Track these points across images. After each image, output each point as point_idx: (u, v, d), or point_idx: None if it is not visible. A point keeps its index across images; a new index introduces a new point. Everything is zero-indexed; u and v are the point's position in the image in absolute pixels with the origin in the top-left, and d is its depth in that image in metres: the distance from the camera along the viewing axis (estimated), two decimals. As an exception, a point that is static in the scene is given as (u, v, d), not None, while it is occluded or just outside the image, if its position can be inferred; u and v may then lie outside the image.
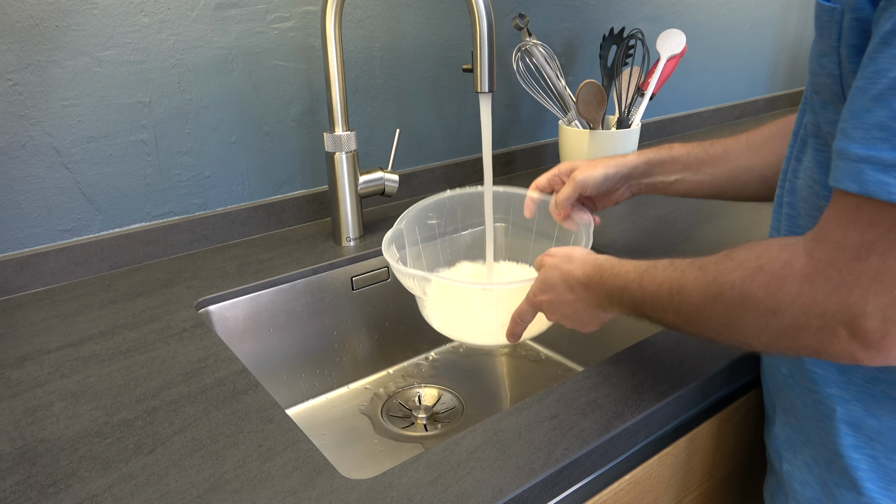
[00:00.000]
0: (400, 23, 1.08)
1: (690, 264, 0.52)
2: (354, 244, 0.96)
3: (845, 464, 0.55)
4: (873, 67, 0.40)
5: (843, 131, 0.42)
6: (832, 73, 0.47)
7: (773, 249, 0.46)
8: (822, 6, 0.47)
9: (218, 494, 0.50)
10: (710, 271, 0.49)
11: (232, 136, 0.96)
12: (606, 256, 0.62)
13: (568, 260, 0.64)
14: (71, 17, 0.80)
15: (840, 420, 0.55)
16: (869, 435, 0.53)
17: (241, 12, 0.92)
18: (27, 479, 0.52)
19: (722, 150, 0.76)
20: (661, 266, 0.54)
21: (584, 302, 0.62)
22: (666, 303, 0.53)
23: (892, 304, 0.40)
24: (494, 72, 0.76)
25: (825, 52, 0.48)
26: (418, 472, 0.52)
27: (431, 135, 1.18)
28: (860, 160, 0.40)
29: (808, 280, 0.43)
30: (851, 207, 0.41)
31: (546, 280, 0.65)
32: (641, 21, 1.44)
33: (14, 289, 0.82)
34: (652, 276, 0.55)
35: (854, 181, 0.40)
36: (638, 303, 0.56)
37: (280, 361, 0.89)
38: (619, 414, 0.58)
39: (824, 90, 0.49)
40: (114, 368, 0.66)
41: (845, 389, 0.54)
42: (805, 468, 0.59)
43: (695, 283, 0.50)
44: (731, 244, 0.49)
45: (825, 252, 0.42)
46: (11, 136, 0.80)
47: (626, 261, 0.59)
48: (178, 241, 0.93)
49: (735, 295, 0.47)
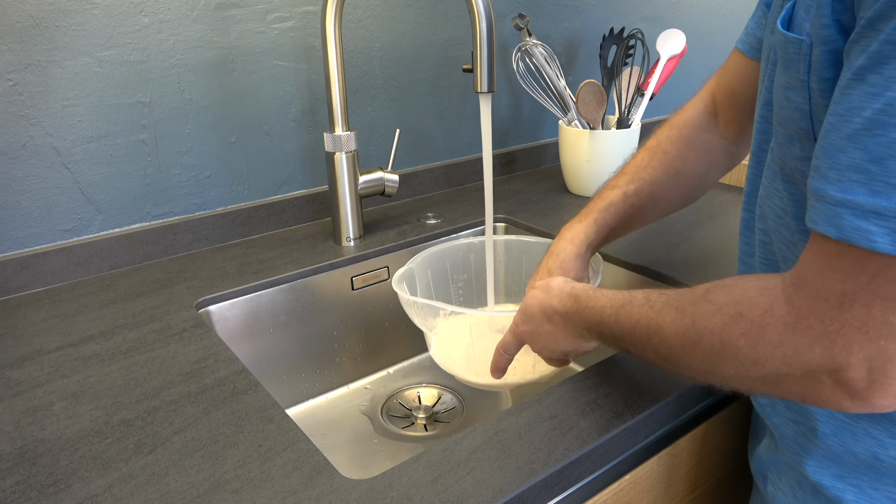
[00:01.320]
0: (400, 23, 1.08)
1: (667, 304, 0.50)
2: (354, 244, 0.96)
3: (831, 494, 0.54)
4: (846, 104, 0.38)
5: (816, 169, 0.40)
6: (800, 108, 0.45)
7: (751, 294, 0.44)
8: (788, 38, 0.45)
9: (218, 494, 0.50)
10: (687, 314, 0.47)
11: (232, 136, 0.96)
12: (583, 286, 0.61)
13: (547, 290, 0.63)
14: (71, 17, 0.80)
15: (820, 452, 0.54)
16: (852, 466, 0.52)
17: (241, 12, 0.92)
18: (27, 479, 0.52)
19: (647, 198, 0.75)
20: (636, 302, 0.53)
21: (564, 332, 0.61)
22: (644, 342, 0.51)
23: (877, 354, 0.38)
24: (494, 72, 0.76)
25: (792, 85, 0.46)
26: (418, 472, 0.52)
27: (431, 135, 1.18)
28: (837, 203, 0.38)
29: (789, 329, 0.41)
30: (831, 253, 0.39)
31: (526, 310, 0.64)
32: (641, 21, 1.44)
33: (14, 289, 0.82)
34: (628, 312, 0.53)
35: (832, 225, 0.39)
36: (617, 337, 0.55)
37: (280, 361, 0.89)
38: (619, 414, 0.58)
39: (790, 124, 0.47)
40: (114, 368, 0.66)
41: (825, 423, 0.53)
42: (790, 492, 0.58)
43: (672, 326, 0.48)
44: (731, 244, 0.49)
45: (806, 300, 0.41)
46: (11, 136, 0.80)
47: (601, 292, 0.58)
48: (178, 241, 0.93)
49: (714, 342, 0.45)
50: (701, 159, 0.75)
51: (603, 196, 0.75)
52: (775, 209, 0.53)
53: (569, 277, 0.71)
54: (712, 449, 0.72)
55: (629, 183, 0.75)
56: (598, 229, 0.74)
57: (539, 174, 1.31)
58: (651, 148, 0.76)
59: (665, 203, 0.77)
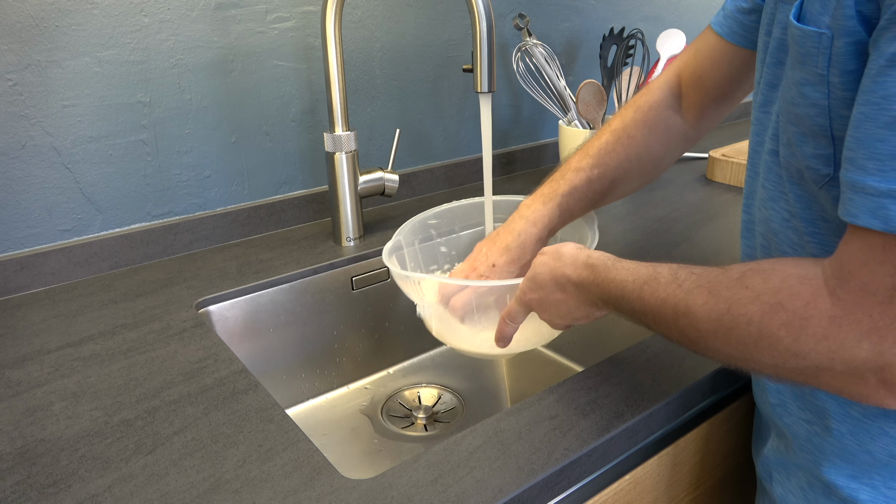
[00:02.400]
0: (400, 23, 1.08)
1: (698, 285, 0.47)
2: (354, 244, 0.96)
3: (845, 494, 0.53)
4: (881, 93, 0.37)
5: (851, 161, 0.39)
6: (818, 104, 0.45)
7: (791, 283, 0.42)
8: (805, 31, 0.44)
9: (218, 494, 0.50)
10: (722, 298, 0.45)
11: (232, 136, 0.96)
12: (599, 254, 0.59)
13: (557, 257, 0.61)
14: (71, 17, 0.80)
15: (835, 452, 0.53)
16: (867, 465, 0.52)
17: (241, 12, 0.92)
18: (27, 479, 0.52)
19: (609, 184, 0.75)
20: (663, 278, 0.50)
21: (577, 301, 0.60)
22: (670, 322, 0.49)
23: None
24: (494, 72, 0.76)
25: (809, 80, 0.45)
26: (418, 472, 0.52)
27: (431, 135, 1.18)
28: (881, 194, 0.37)
29: (834, 323, 0.40)
30: (876, 246, 0.38)
31: (535, 278, 0.62)
32: (641, 21, 1.44)
33: (14, 289, 0.82)
34: (653, 289, 0.51)
35: (876, 217, 0.37)
36: (638, 313, 0.53)
37: (280, 361, 0.89)
38: (619, 414, 0.58)
39: (804, 122, 0.46)
40: (114, 368, 0.66)
41: (841, 422, 0.52)
42: (800, 493, 0.57)
43: (704, 310, 0.46)
44: (731, 244, 0.49)
45: (851, 294, 0.39)
46: (11, 136, 0.80)
47: (620, 263, 0.56)
48: (178, 241, 0.93)
49: (752, 330, 0.43)
50: (661, 144, 0.76)
51: (567, 178, 0.75)
52: (780, 212, 0.53)
53: (524, 261, 0.72)
54: (713, 449, 0.72)
55: (593, 167, 0.74)
56: (561, 214, 0.74)
57: (539, 174, 1.31)
58: (616, 130, 0.75)
59: (623, 188, 0.77)
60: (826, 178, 0.46)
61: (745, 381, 0.71)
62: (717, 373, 0.65)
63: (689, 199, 1.15)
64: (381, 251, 0.75)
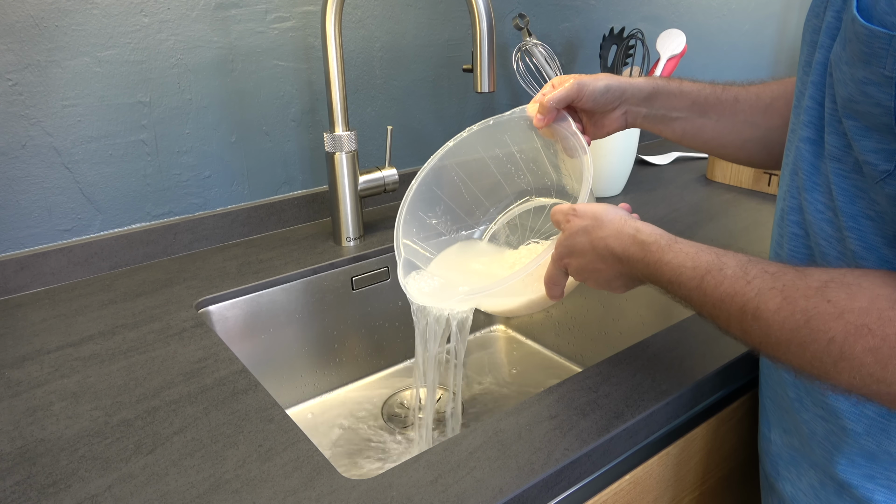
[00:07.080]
0: (400, 23, 1.08)
1: (771, 287, 0.44)
2: (354, 244, 0.96)
3: (859, 494, 0.52)
4: None
5: None
6: (882, 104, 0.42)
7: (881, 305, 0.40)
8: (873, 32, 0.41)
9: (218, 494, 0.50)
10: (798, 309, 0.42)
11: (232, 136, 0.96)
12: (650, 229, 0.54)
13: (598, 225, 0.56)
14: (71, 17, 0.80)
15: (852, 451, 0.52)
16: (885, 465, 0.51)
17: (241, 12, 0.92)
18: (27, 479, 0.52)
19: (732, 99, 0.70)
20: (728, 271, 0.47)
21: (617, 274, 0.56)
22: (733, 320, 0.47)
23: None
24: (494, 72, 0.76)
25: (873, 80, 0.42)
26: (418, 472, 0.52)
27: (431, 135, 1.18)
28: None
29: None
30: None
31: (573, 246, 0.58)
32: (641, 21, 1.44)
33: (14, 289, 0.82)
34: (717, 281, 0.47)
35: None
36: (694, 302, 0.50)
37: (280, 361, 0.89)
38: (619, 414, 0.58)
39: (867, 118, 0.44)
40: (114, 368, 0.66)
41: (857, 422, 0.51)
42: (811, 491, 0.56)
43: (777, 318, 0.43)
44: (731, 244, 0.48)
45: None
46: (11, 136, 0.80)
47: (676, 244, 0.52)
48: (178, 241, 0.93)
49: (832, 350, 0.41)
50: (743, 133, 0.72)
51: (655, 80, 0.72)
52: (815, 203, 0.50)
53: (572, 98, 0.67)
54: (713, 448, 0.72)
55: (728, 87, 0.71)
56: (655, 84, 0.70)
57: (539, 174, 1.31)
58: (758, 90, 0.71)
59: (710, 126, 0.72)
60: (885, 173, 0.44)
61: (744, 381, 0.71)
62: (716, 373, 0.65)
63: (689, 198, 1.15)
64: (381, 251, 0.75)
